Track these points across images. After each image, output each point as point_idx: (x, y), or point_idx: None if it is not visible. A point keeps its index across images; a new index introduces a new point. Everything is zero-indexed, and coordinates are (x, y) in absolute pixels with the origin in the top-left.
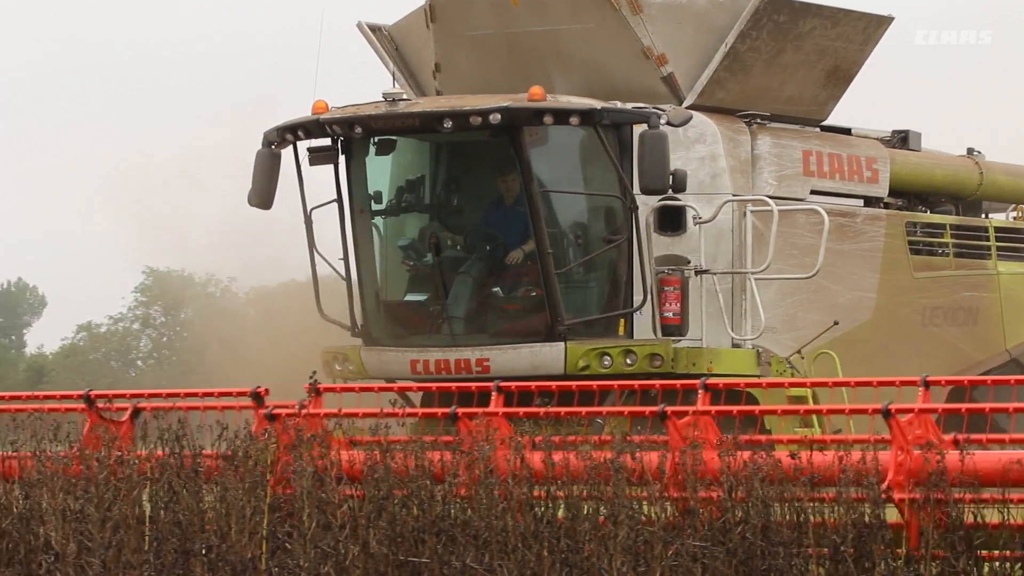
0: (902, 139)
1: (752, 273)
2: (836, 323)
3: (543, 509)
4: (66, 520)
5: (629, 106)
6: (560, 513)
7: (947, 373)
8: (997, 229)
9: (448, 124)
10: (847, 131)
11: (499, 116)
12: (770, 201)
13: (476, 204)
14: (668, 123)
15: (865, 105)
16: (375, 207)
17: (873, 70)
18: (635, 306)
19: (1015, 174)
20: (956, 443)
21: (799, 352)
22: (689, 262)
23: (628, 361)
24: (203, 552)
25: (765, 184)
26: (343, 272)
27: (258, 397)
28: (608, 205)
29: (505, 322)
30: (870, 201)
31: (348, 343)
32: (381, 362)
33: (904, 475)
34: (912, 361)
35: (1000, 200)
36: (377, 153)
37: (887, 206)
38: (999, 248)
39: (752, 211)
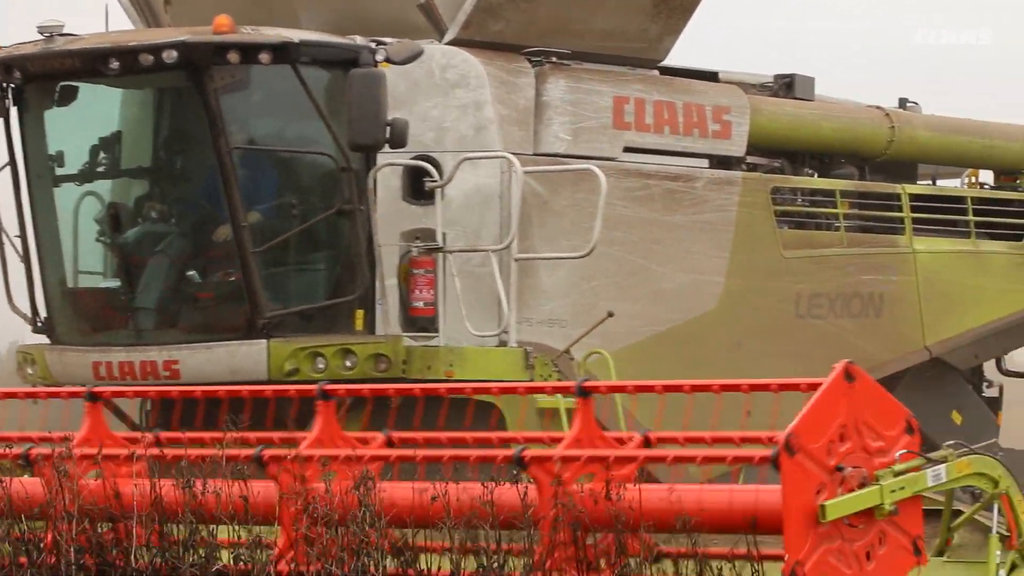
0: (786, 85)
1: (495, 251)
2: (611, 314)
3: None
4: None
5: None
6: None
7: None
8: (914, 197)
9: (114, 64)
10: (712, 76)
11: (175, 53)
12: (512, 158)
13: (180, 167)
14: (388, 60)
15: None
16: (58, 171)
17: None
18: (358, 293)
19: (943, 128)
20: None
21: (568, 351)
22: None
23: (347, 364)
24: None
25: (554, 139)
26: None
27: None
28: (324, 166)
29: (199, 315)
30: (723, 162)
31: (39, 340)
32: (64, 365)
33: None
34: (782, 361)
35: (923, 161)
36: (58, 104)
37: (755, 168)
38: (917, 221)
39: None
